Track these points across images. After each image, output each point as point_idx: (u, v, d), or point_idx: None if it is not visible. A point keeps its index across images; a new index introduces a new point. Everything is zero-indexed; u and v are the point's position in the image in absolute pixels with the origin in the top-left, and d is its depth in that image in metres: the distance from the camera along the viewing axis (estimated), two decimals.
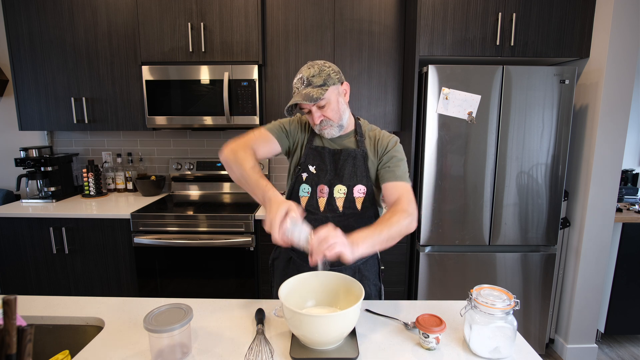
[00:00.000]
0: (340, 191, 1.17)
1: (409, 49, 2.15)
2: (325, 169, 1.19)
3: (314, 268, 1.01)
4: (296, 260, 1.22)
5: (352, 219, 1.18)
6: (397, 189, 1.11)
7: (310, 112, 1.13)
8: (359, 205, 1.17)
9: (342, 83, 1.15)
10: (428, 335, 0.90)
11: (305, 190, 1.20)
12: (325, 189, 1.18)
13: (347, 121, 1.20)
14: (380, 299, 1.28)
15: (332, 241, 0.86)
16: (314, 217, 1.18)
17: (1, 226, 2.15)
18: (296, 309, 0.82)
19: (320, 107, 1.11)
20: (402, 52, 2.26)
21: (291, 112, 1.13)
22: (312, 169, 1.19)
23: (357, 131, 1.22)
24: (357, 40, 2.24)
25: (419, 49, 2.01)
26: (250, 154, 1.09)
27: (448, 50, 2.02)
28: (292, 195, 1.22)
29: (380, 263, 1.31)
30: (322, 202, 1.18)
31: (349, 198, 1.17)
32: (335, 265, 1.15)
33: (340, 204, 1.17)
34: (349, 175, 1.17)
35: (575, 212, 2.16)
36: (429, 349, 0.91)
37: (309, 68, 1.12)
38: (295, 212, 0.91)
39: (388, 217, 1.01)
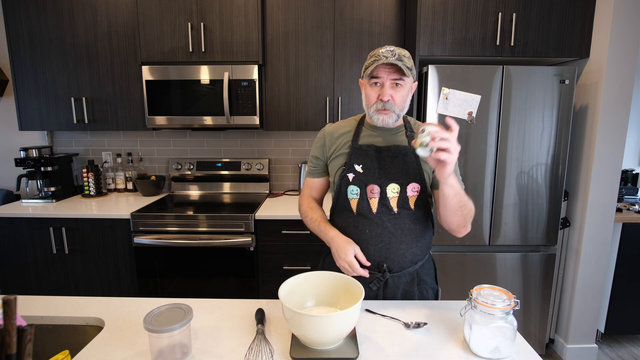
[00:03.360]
0: (393, 190, 1.12)
1: (409, 49, 2.15)
2: (373, 168, 1.13)
3: (368, 278, 1.11)
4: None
5: (408, 219, 1.13)
6: None
7: (382, 85, 1.08)
8: (412, 204, 1.13)
9: (415, 80, 1.15)
10: (424, 130, 0.91)
11: (353, 192, 1.14)
12: (376, 188, 1.12)
13: (402, 116, 1.17)
14: None
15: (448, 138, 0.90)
16: (367, 221, 1.12)
17: (1, 226, 2.15)
18: (296, 309, 0.82)
19: (394, 87, 1.07)
20: None
21: (369, 74, 1.07)
22: (358, 168, 1.13)
23: (407, 126, 1.18)
24: (357, 40, 2.24)
25: (419, 49, 2.01)
26: (308, 203, 1.26)
27: (448, 50, 2.02)
28: (340, 198, 1.16)
29: (435, 265, 1.29)
30: (373, 203, 1.12)
31: (403, 197, 1.12)
32: (395, 271, 1.14)
33: (394, 203, 1.12)
34: (401, 173, 1.12)
35: (575, 212, 2.16)
36: (421, 145, 0.91)
37: (399, 48, 1.07)
38: (359, 250, 1.08)
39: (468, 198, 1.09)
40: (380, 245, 1.12)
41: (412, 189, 1.13)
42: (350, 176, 1.14)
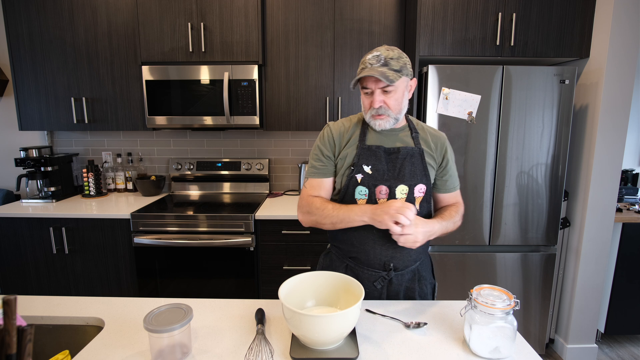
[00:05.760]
0: (402, 192, 1.13)
1: (409, 49, 2.15)
2: (382, 169, 1.13)
3: (373, 277, 1.13)
4: (353, 267, 1.18)
5: None
6: (452, 198, 1.27)
7: (372, 93, 1.09)
8: (417, 205, 1.15)
9: (411, 78, 1.13)
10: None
11: (362, 192, 1.13)
12: (385, 189, 1.12)
13: (402, 117, 1.17)
14: (434, 296, 1.26)
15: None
16: None
17: (1, 226, 2.15)
18: (296, 309, 0.82)
19: (385, 92, 1.07)
20: None
21: (354, 86, 1.10)
22: (367, 169, 1.13)
23: (411, 127, 1.19)
24: (357, 40, 2.24)
25: (419, 49, 2.01)
26: (320, 202, 1.14)
27: (448, 50, 2.02)
28: (346, 197, 1.15)
29: (431, 258, 1.30)
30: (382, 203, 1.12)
31: (410, 198, 1.14)
32: (400, 269, 1.16)
33: None
34: (410, 175, 1.13)
35: (575, 212, 2.16)
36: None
37: (388, 50, 1.07)
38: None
39: (453, 215, 1.19)
40: (388, 244, 1.13)
41: (419, 190, 1.15)
42: (359, 177, 1.13)
